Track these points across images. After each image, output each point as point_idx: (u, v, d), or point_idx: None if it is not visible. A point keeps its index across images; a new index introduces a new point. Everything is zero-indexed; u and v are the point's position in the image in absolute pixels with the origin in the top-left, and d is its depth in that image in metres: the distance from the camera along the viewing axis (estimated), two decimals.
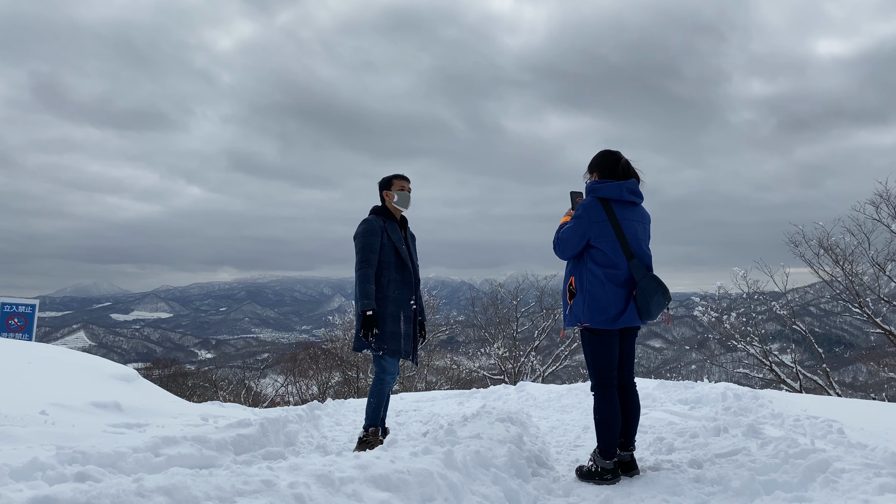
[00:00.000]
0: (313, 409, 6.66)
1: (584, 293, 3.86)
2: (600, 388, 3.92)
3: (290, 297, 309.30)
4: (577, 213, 3.91)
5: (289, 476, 2.69)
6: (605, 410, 3.88)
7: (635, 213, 3.97)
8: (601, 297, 3.81)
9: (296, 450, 4.86)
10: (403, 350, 4.83)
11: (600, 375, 3.92)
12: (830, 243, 20.29)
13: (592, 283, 3.84)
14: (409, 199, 5.00)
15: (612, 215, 3.85)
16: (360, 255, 4.76)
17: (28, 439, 3.72)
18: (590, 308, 3.84)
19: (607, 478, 3.79)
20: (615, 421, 3.88)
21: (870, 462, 3.33)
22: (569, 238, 3.92)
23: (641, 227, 4.00)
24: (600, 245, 3.84)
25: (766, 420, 5.13)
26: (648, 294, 3.81)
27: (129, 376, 6.84)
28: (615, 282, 3.84)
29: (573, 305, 3.93)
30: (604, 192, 3.89)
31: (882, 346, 23.84)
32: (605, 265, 3.83)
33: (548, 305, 29.58)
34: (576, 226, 3.89)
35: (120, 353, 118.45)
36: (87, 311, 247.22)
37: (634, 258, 3.85)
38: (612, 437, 3.86)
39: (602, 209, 3.85)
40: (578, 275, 3.93)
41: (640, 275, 3.84)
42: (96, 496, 2.24)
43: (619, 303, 3.83)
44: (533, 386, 8.99)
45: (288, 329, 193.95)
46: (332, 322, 34.65)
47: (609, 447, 3.85)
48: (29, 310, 13.08)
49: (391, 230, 4.90)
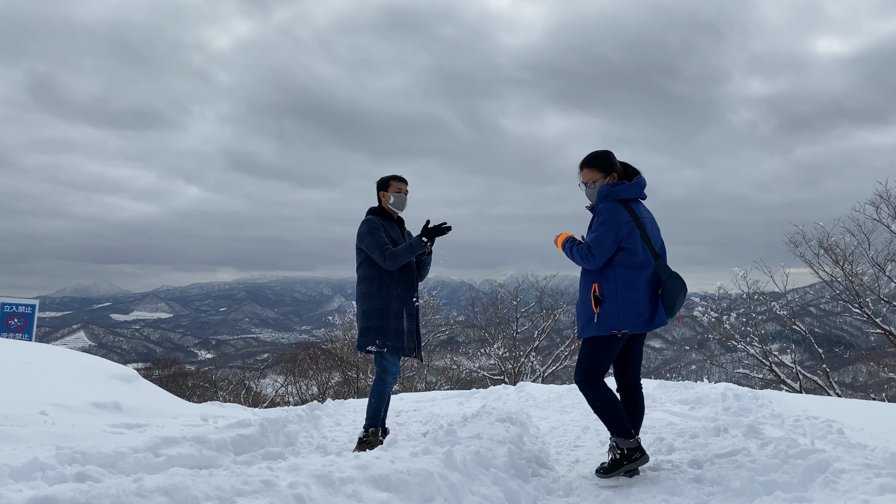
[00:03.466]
0: (313, 410, 6.67)
1: (617, 299, 3.76)
2: (591, 380, 3.86)
3: (290, 297, 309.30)
4: (603, 218, 3.80)
5: (289, 476, 2.68)
6: (602, 395, 3.82)
7: (646, 209, 3.98)
8: (636, 301, 3.75)
9: (296, 450, 4.86)
10: (407, 347, 4.84)
11: (594, 370, 3.87)
12: (830, 243, 20.31)
13: (625, 288, 3.76)
14: (405, 200, 5.03)
15: (635, 215, 3.80)
16: (377, 250, 4.77)
17: (28, 439, 3.72)
18: (625, 313, 3.75)
19: (637, 457, 3.71)
20: (615, 401, 3.84)
21: (870, 462, 3.33)
22: (601, 245, 3.79)
23: (654, 224, 3.98)
24: (630, 246, 3.77)
25: (766, 420, 5.13)
26: (675, 292, 3.79)
27: (128, 376, 6.84)
28: (647, 284, 3.80)
29: (601, 313, 3.79)
30: (625, 193, 3.85)
31: (882, 347, 23.84)
32: (634, 268, 3.77)
33: (547, 306, 29.61)
34: (606, 231, 3.78)
35: (120, 353, 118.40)
36: (87, 312, 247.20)
37: (660, 258, 3.83)
38: (619, 416, 3.80)
39: (626, 211, 3.80)
40: (605, 280, 3.82)
41: (665, 273, 3.82)
42: (96, 496, 2.24)
43: (652, 304, 3.80)
44: (533, 386, 8.99)
45: (288, 329, 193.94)
46: (332, 322, 34.66)
47: (623, 427, 3.78)
48: (29, 310, 13.09)
49: (390, 230, 4.94)
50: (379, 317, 4.79)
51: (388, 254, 4.75)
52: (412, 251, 4.80)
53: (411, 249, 4.80)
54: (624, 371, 4.06)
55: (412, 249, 4.80)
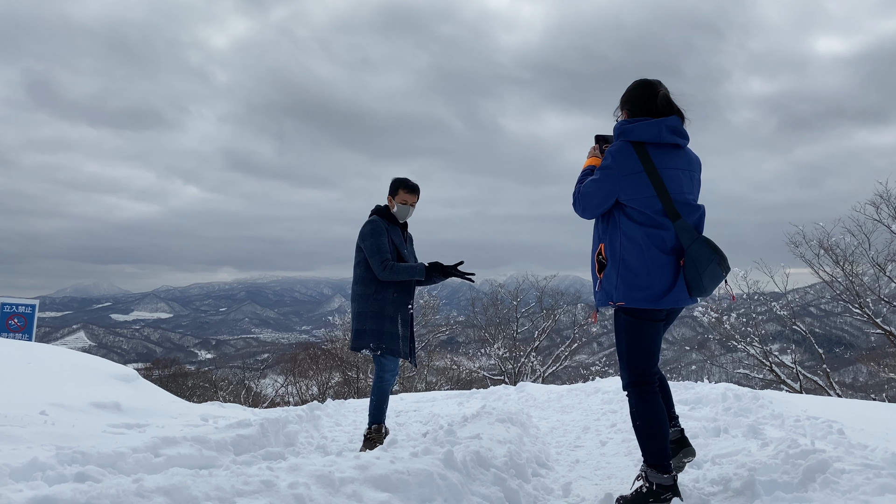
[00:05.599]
0: (313, 410, 6.67)
1: (617, 262, 3.05)
2: (637, 387, 3.14)
3: (290, 297, 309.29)
4: (603, 163, 3.09)
5: (289, 476, 2.68)
6: (648, 414, 3.10)
7: (679, 158, 3.11)
8: (639, 267, 3.01)
9: (296, 450, 4.86)
10: (402, 351, 4.84)
11: (638, 370, 3.14)
12: (831, 244, 20.33)
13: (628, 249, 3.03)
14: (408, 213, 4.98)
15: (650, 163, 3.01)
16: (376, 257, 4.73)
17: (28, 439, 3.72)
18: (625, 281, 3.03)
19: (667, 497, 3.04)
20: (662, 425, 3.10)
21: (870, 463, 3.32)
22: (592, 194, 3.10)
23: (688, 176, 3.14)
24: (635, 204, 3.03)
25: (767, 421, 5.12)
26: (701, 263, 2.99)
27: (128, 376, 6.84)
28: (660, 246, 3.02)
29: (603, 279, 3.11)
30: (637, 133, 3.05)
31: (882, 347, 23.84)
32: (645, 224, 3.03)
33: (548, 306, 29.61)
34: (602, 178, 3.06)
35: (120, 353, 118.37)
36: (87, 312, 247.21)
37: (681, 218, 3.03)
38: (661, 445, 3.08)
39: (636, 156, 3.02)
40: (609, 240, 3.11)
41: (688, 239, 3.01)
42: (96, 496, 2.24)
43: (665, 275, 3.01)
44: (533, 386, 8.98)
45: (288, 329, 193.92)
46: (332, 322, 34.65)
47: (661, 458, 3.07)
48: (29, 310, 13.09)
49: (393, 233, 4.91)
50: (374, 320, 4.78)
51: (389, 266, 4.71)
52: (412, 275, 4.75)
53: (412, 273, 4.75)
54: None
55: (413, 273, 4.75)
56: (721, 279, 3.10)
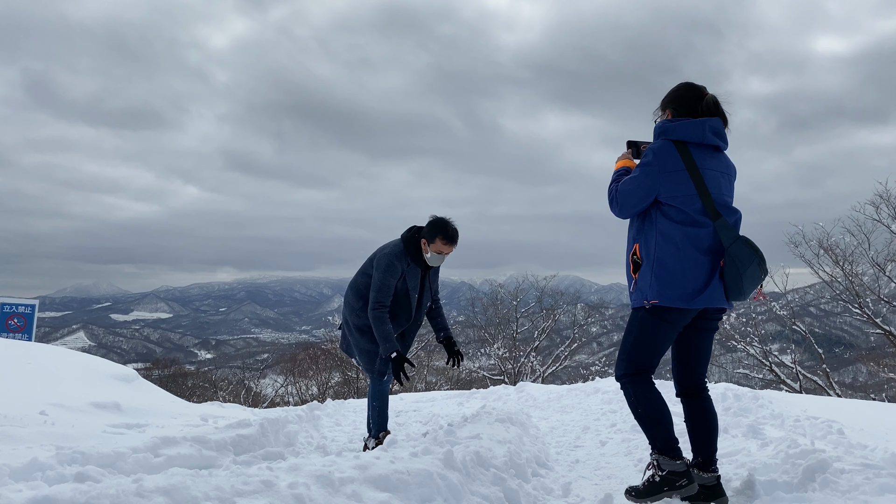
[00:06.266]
0: (313, 410, 6.67)
1: (652, 261, 3.00)
2: (633, 376, 3.10)
3: (289, 297, 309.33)
4: (644, 160, 3.05)
5: (288, 476, 2.68)
6: (647, 399, 3.06)
7: (719, 161, 3.09)
8: (674, 266, 2.95)
9: (295, 450, 4.86)
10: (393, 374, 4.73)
11: (638, 361, 3.09)
12: (830, 244, 20.35)
13: (663, 248, 2.98)
14: (441, 261, 4.78)
15: (692, 163, 2.97)
16: (375, 294, 4.60)
17: (28, 439, 3.72)
18: (659, 280, 2.96)
19: (682, 483, 2.96)
20: (663, 408, 3.07)
21: (870, 463, 3.32)
22: (631, 191, 3.05)
23: (726, 179, 3.12)
24: (675, 202, 2.98)
25: (766, 421, 5.12)
26: (742, 263, 2.92)
27: (128, 377, 6.84)
28: (697, 246, 2.97)
29: (638, 279, 3.05)
30: (680, 132, 3.01)
31: (882, 347, 23.86)
32: (684, 223, 2.98)
33: (547, 306, 29.64)
34: (643, 175, 3.01)
35: (119, 353, 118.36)
36: (86, 312, 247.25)
37: (721, 217, 2.98)
38: (665, 428, 3.05)
39: (678, 154, 2.98)
40: (644, 239, 3.06)
41: (729, 238, 2.96)
42: (96, 496, 2.24)
43: (700, 274, 2.95)
44: (533, 386, 8.98)
45: (288, 329, 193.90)
46: (331, 322, 34.65)
47: (669, 442, 3.03)
48: (29, 310, 13.09)
49: (410, 276, 4.72)
50: (371, 341, 4.75)
51: (378, 311, 4.57)
52: (382, 342, 4.56)
53: (384, 341, 4.54)
54: (686, 370, 3.20)
55: (383, 343, 4.55)
56: (760, 281, 3.04)
